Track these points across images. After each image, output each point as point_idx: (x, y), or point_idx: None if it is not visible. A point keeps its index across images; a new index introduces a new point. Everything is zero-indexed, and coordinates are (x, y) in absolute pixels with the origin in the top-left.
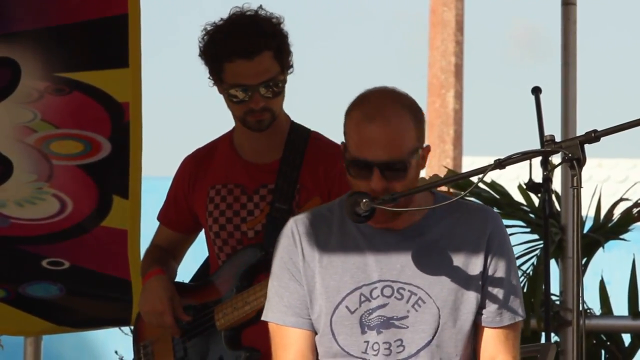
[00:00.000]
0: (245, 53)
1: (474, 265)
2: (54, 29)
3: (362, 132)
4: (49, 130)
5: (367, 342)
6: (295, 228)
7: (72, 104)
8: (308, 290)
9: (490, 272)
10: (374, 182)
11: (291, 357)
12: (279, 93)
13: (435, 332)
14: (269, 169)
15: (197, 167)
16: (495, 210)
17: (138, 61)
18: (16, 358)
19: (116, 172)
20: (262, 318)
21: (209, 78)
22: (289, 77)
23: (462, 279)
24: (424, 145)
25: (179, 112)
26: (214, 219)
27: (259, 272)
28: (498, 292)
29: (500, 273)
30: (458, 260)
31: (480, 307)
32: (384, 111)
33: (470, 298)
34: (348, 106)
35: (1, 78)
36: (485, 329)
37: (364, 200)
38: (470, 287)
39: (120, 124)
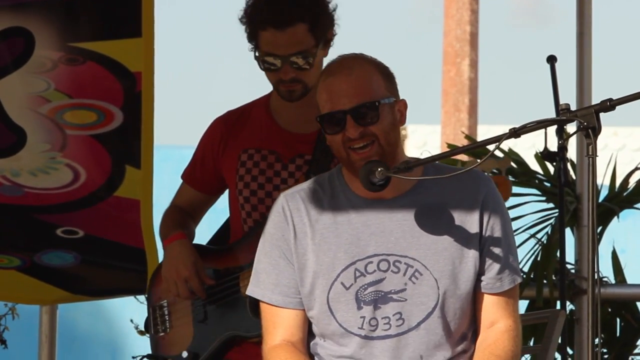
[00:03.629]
0: (278, 23)
1: (470, 231)
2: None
3: (328, 88)
4: (63, 100)
5: (364, 317)
6: (286, 204)
7: (85, 73)
8: (299, 267)
9: (486, 237)
10: (349, 129)
11: (280, 335)
12: (311, 66)
13: (436, 303)
14: (307, 139)
15: (228, 129)
16: (511, 178)
17: (151, 30)
18: (32, 327)
19: (128, 142)
20: (248, 293)
21: (249, 42)
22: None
23: (459, 248)
24: (399, 99)
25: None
26: (245, 183)
27: None
28: (496, 257)
29: (497, 237)
30: (453, 228)
31: (479, 273)
32: (346, 64)
33: (468, 266)
34: None
35: (15, 47)
36: (485, 295)
37: (379, 169)
38: (468, 255)
39: (132, 93)
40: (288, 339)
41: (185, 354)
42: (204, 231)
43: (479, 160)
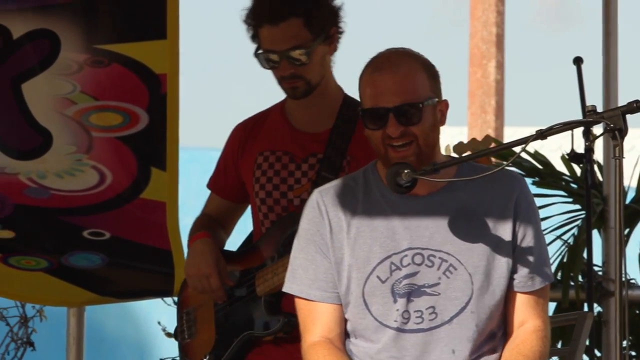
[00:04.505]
0: (272, 19)
1: (503, 229)
2: (93, 2)
3: (373, 83)
4: (89, 102)
5: (398, 310)
6: (320, 199)
7: (110, 75)
8: (335, 262)
9: (520, 236)
10: (390, 127)
11: (318, 331)
12: (309, 61)
13: (469, 298)
14: (319, 139)
15: (246, 134)
16: (537, 180)
17: (176, 32)
18: (59, 329)
19: (154, 144)
20: (285, 290)
21: (253, 42)
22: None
23: (493, 244)
24: (442, 99)
25: (224, 83)
26: (260, 185)
27: None
28: (529, 256)
29: (530, 236)
30: (487, 225)
31: (512, 271)
32: (393, 60)
33: (502, 263)
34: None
35: (41, 49)
36: (517, 294)
37: (406, 171)
38: (501, 252)
39: (157, 95)
40: (326, 335)
41: (207, 358)
42: (236, 237)
43: (504, 163)
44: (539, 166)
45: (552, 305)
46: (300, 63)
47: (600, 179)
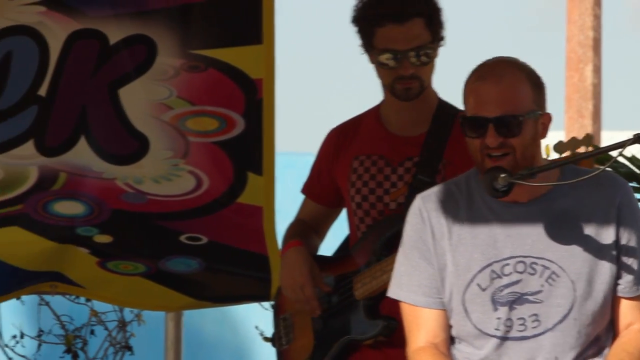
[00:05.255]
0: (396, 17)
1: (606, 234)
2: (189, 7)
3: (477, 91)
4: (185, 107)
5: (500, 318)
6: (422, 206)
7: (207, 81)
8: (439, 268)
9: (623, 242)
10: (489, 137)
11: (423, 336)
12: (428, 62)
13: (572, 305)
14: (415, 142)
15: (341, 140)
16: (635, 185)
17: (272, 37)
18: (157, 333)
19: (250, 148)
20: (391, 295)
21: (360, 46)
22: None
23: (595, 250)
24: (545, 112)
25: (320, 89)
26: (356, 189)
27: (398, 242)
28: (633, 261)
29: (634, 241)
30: (589, 230)
31: (616, 277)
32: (498, 70)
33: (605, 269)
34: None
35: (137, 55)
36: (622, 299)
37: (502, 175)
38: (604, 258)
39: (253, 100)
40: (431, 340)
41: None
42: (331, 241)
43: (601, 167)
44: (637, 171)
45: None
46: (420, 63)
47: None
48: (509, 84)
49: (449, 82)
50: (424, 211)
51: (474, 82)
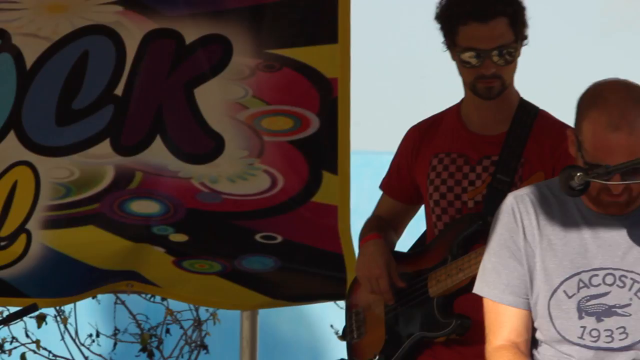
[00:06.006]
0: (481, 16)
1: None
2: (264, 6)
3: (603, 140)
4: (260, 107)
5: (584, 327)
6: (515, 205)
7: (282, 80)
8: (528, 269)
9: None
10: (614, 186)
11: (506, 335)
12: (511, 61)
13: None
14: (494, 141)
15: (421, 137)
16: None
17: (347, 36)
18: (233, 332)
19: (325, 148)
20: (477, 292)
21: (443, 42)
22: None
23: None
24: None
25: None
26: (435, 187)
27: (475, 241)
28: None
29: None
30: None
31: None
32: (627, 116)
33: None
34: (582, 100)
35: (213, 55)
36: None
37: (578, 174)
38: None
39: (328, 99)
40: (513, 339)
41: (377, 357)
42: (407, 239)
43: None
44: None
45: None
46: (503, 63)
47: None
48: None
49: (530, 80)
50: (517, 211)
51: (599, 127)
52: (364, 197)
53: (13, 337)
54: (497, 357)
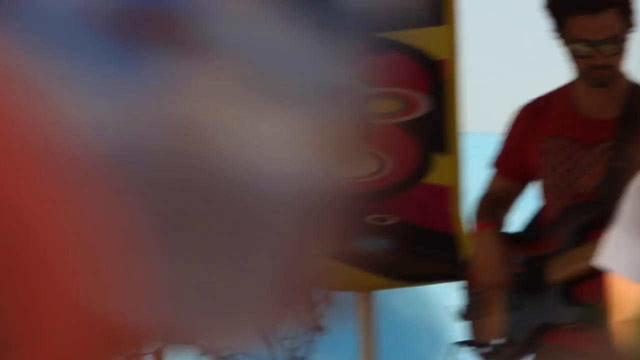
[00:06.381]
0: (591, 7)
1: None
2: None
3: None
4: (367, 90)
5: None
6: None
7: (388, 63)
8: None
9: None
10: None
11: (632, 310)
12: (622, 51)
13: None
14: (607, 126)
15: (533, 117)
16: None
17: (455, 18)
18: (348, 314)
19: (435, 129)
20: (603, 266)
21: (551, 31)
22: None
23: None
24: None
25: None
26: (548, 171)
27: (594, 228)
28: None
29: None
30: None
31: None
32: None
33: None
34: None
35: None
36: None
37: None
38: None
39: (437, 81)
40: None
41: (500, 341)
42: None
43: None
44: None
45: None
46: (614, 53)
47: None
48: None
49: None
50: None
51: None
52: (475, 178)
53: None
54: (624, 331)
